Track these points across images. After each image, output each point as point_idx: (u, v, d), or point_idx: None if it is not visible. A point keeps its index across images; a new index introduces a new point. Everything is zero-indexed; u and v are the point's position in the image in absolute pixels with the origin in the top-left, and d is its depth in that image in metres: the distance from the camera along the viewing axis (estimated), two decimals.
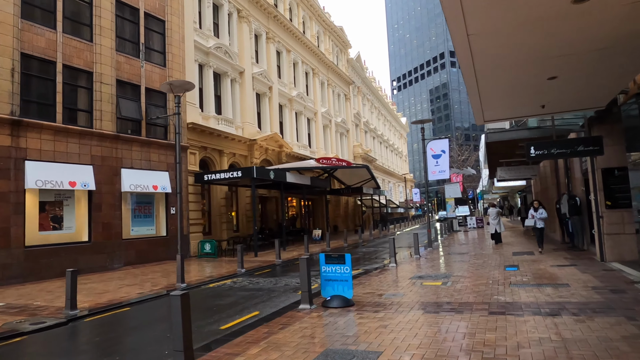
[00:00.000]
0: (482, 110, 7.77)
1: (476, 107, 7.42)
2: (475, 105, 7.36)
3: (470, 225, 31.76)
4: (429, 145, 17.85)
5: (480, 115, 8.01)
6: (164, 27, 19.14)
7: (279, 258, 16.24)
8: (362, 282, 9.79)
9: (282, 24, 30.22)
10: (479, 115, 8.07)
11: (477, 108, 7.46)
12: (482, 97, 6.87)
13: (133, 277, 13.19)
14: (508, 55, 5.13)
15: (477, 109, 7.58)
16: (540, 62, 5.38)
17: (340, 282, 7.38)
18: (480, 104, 7.17)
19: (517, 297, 7.21)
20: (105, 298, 9.80)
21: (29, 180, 13.34)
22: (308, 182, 23.79)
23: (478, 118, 8.28)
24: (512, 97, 7.13)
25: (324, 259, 7.53)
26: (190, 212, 19.32)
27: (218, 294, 9.97)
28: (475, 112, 7.85)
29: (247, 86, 25.16)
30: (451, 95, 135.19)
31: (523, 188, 32.65)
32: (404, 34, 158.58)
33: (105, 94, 16.08)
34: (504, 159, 15.75)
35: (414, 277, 10.14)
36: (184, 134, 19.34)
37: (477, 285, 8.54)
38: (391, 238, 12.93)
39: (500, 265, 11.43)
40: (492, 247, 17.06)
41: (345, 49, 45.09)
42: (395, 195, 62.98)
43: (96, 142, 15.60)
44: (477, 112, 7.77)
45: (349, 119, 43.82)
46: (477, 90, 6.51)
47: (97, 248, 15.26)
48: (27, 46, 13.90)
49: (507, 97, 7.05)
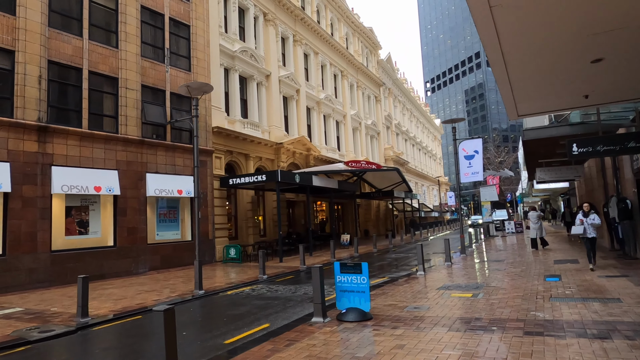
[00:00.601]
0: (514, 103, 6.95)
1: (507, 98, 6.61)
2: (506, 97, 6.56)
3: (508, 229, 30.12)
4: (461, 146, 16.86)
5: (513, 109, 7.18)
6: (188, 32, 19.17)
7: (304, 264, 15.72)
8: (386, 292, 9.08)
9: (309, 26, 29.90)
10: (511, 109, 7.24)
11: (509, 100, 6.66)
12: (513, 87, 6.08)
13: (154, 283, 13.04)
14: (541, 33, 4.36)
15: (508, 101, 6.77)
16: (582, 40, 4.57)
17: (357, 293, 6.74)
18: (511, 94, 6.37)
19: (559, 314, 6.32)
20: (120, 305, 9.59)
21: (55, 186, 13.49)
22: (336, 185, 23.21)
23: (511, 112, 7.44)
24: (549, 86, 6.28)
25: (339, 268, 6.92)
26: (215, 216, 19.17)
27: (233, 302, 9.54)
28: (506, 104, 7.04)
29: (274, 89, 24.92)
30: (487, 96, 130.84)
31: (566, 190, 30.68)
32: (438, 35, 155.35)
33: (130, 100, 16.18)
34: (543, 159, 14.58)
35: (442, 287, 9.33)
36: (209, 138, 19.25)
37: (512, 298, 7.67)
38: (419, 244, 12.12)
39: (539, 274, 10.40)
40: (533, 253, 15.86)
41: (375, 50, 44.29)
42: (429, 198, 61.24)
43: (121, 147, 15.69)
44: (509, 104, 6.96)
45: (379, 121, 42.92)
46: (506, 78, 5.74)
47: (122, 253, 15.29)
48: (54, 54, 14.13)
49: (543, 85, 6.21)
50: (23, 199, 12.88)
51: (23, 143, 13.05)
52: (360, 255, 19.76)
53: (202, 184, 18.61)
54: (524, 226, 31.46)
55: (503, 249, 18.40)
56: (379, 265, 15.87)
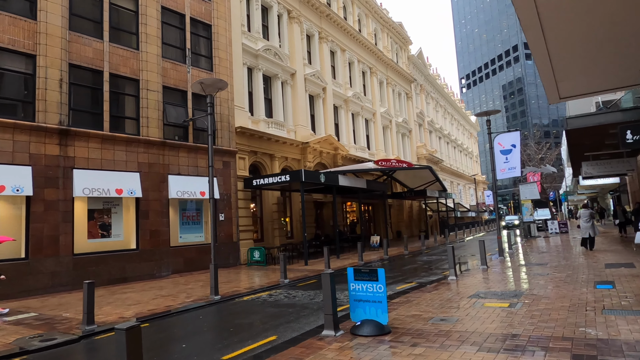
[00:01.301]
0: (555, 82, 5.94)
1: (546, 76, 5.64)
2: (545, 75, 5.59)
3: (551, 230, 28.18)
4: (496, 140, 15.63)
5: (554, 90, 6.17)
6: (210, 32, 18.92)
7: (329, 267, 15.02)
8: (410, 300, 8.21)
9: (335, 22, 29.19)
10: (551, 90, 6.23)
11: (548, 78, 5.67)
12: (553, 61, 5.12)
13: (173, 287, 12.70)
14: None
15: (548, 80, 5.79)
16: None
17: (373, 303, 5.96)
18: (551, 70, 5.40)
19: (615, 332, 5.28)
20: (131, 311, 9.22)
21: (77, 189, 13.44)
22: (364, 185, 22.35)
23: (551, 94, 6.42)
24: (597, 59, 5.26)
25: (353, 274, 6.16)
26: (240, 218, 18.78)
27: (246, 309, 8.96)
28: (546, 85, 6.05)
29: (299, 88, 24.37)
30: (527, 90, 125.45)
31: (616, 187, 28.37)
32: (472, 29, 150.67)
33: (151, 101, 16.04)
34: (590, 152, 13.19)
35: (474, 295, 8.36)
36: (232, 138, 18.90)
37: (556, 310, 6.63)
38: (450, 246, 11.13)
39: (589, 281, 9.20)
40: (583, 253, 14.46)
41: (406, 46, 42.99)
42: (465, 198, 58.98)
43: (143, 149, 15.54)
44: (549, 84, 5.96)
45: (411, 118, 41.57)
46: (545, 50, 4.80)
47: (144, 256, 15.12)
48: (74, 57, 14.14)
49: (591, 58, 5.21)
50: (45, 202, 12.88)
51: (45, 147, 13.06)
52: (390, 258, 18.81)
53: (225, 186, 18.27)
54: (569, 226, 29.33)
55: (546, 250, 16.95)
56: (408, 268, 14.91)
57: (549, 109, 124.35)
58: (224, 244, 17.84)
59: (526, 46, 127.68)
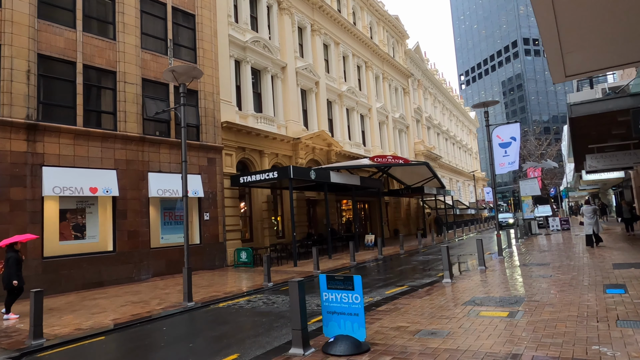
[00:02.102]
0: (561, 55, 5.05)
1: (552, 49, 4.75)
2: (550, 47, 4.71)
3: (553, 227, 27.31)
4: (495, 132, 14.73)
5: (559, 65, 5.28)
6: (194, 22, 18.01)
7: (317, 269, 14.16)
8: (398, 308, 7.34)
9: (328, 15, 28.26)
10: (556, 66, 5.34)
11: (554, 50, 4.79)
12: (560, 27, 4.25)
13: (150, 292, 11.85)
14: None
15: (553, 53, 4.90)
16: None
17: (348, 316, 5.09)
18: (557, 40, 4.52)
19: (635, 350, 4.41)
20: (93, 321, 8.35)
21: (46, 187, 12.55)
22: (357, 182, 21.45)
23: (556, 72, 5.54)
24: (611, 24, 4.39)
25: (325, 282, 5.28)
26: (226, 217, 17.91)
27: (218, 318, 8.09)
28: (549, 58, 5.16)
29: (290, 82, 23.47)
30: (527, 86, 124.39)
31: (619, 182, 27.50)
32: (471, 25, 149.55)
33: (129, 94, 15.15)
34: (595, 143, 12.31)
35: (470, 301, 7.48)
36: (218, 133, 18.00)
37: (562, 321, 5.77)
38: (444, 246, 10.25)
39: (596, 284, 8.32)
40: (588, 251, 13.63)
41: (402, 40, 42.04)
42: (465, 195, 58.11)
43: (120, 145, 14.66)
44: (554, 58, 5.07)
45: (408, 114, 40.66)
46: (552, 12, 3.93)
47: (122, 258, 14.25)
48: (44, 47, 13.24)
49: (603, 23, 4.34)
50: (11, 202, 12.00)
51: (10, 142, 12.17)
52: (385, 258, 17.95)
53: (210, 183, 17.39)
54: (570, 223, 28.46)
55: (548, 249, 16.08)
56: (401, 269, 14.05)
57: (549, 106, 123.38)
58: (209, 244, 16.97)
59: (525, 42, 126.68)
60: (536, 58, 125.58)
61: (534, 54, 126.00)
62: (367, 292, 9.73)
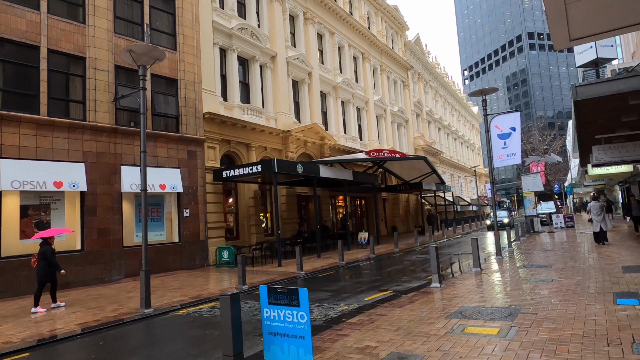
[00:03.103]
0: (565, 14, 3.99)
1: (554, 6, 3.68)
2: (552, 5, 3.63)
3: (556, 224, 26.14)
4: (493, 122, 13.61)
5: (563, 27, 4.20)
6: (174, 6, 16.93)
7: (301, 270, 13.15)
8: (372, 320, 6.29)
9: (323, 3, 27.08)
10: (559, 28, 4.26)
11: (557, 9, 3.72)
12: None
13: (112, 295, 10.86)
14: None
15: (556, 13, 3.83)
16: None
17: (293, 339, 4.04)
18: None
19: None
20: (30, 331, 7.36)
21: (4, 181, 11.56)
22: (350, 177, 20.38)
23: (559, 35, 4.44)
24: None
25: (266, 295, 4.23)
26: (208, 214, 16.89)
27: (167, 330, 7.07)
28: (551, 19, 4.08)
29: (281, 72, 22.36)
30: (531, 81, 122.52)
31: (627, 177, 26.26)
32: (475, 19, 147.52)
33: (100, 82, 14.12)
34: (602, 133, 11.17)
35: (456, 312, 6.41)
36: (200, 125, 16.96)
37: (563, 341, 4.69)
38: (433, 246, 9.18)
39: (605, 291, 7.23)
40: (596, 248, 12.52)
41: (402, 31, 40.77)
42: (466, 191, 56.90)
43: (89, 137, 13.64)
44: (557, 19, 3.99)
45: (407, 107, 39.44)
46: None
47: (91, 258, 13.26)
48: (3, 29, 12.21)
49: None
50: None
51: None
52: (377, 257, 16.89)
53: (191, 178, 16.37)
54: (574, 220, 27.29)
55: (550, 248, 14.96)
56: (390, 270, 12.99)
57: (554, 101, 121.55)
58: (189, 242, 15.97)
59: (530, 36, 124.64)
60: (541, 53, 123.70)
61: (538, 48, 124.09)
62: (345, 298, 8.68)
